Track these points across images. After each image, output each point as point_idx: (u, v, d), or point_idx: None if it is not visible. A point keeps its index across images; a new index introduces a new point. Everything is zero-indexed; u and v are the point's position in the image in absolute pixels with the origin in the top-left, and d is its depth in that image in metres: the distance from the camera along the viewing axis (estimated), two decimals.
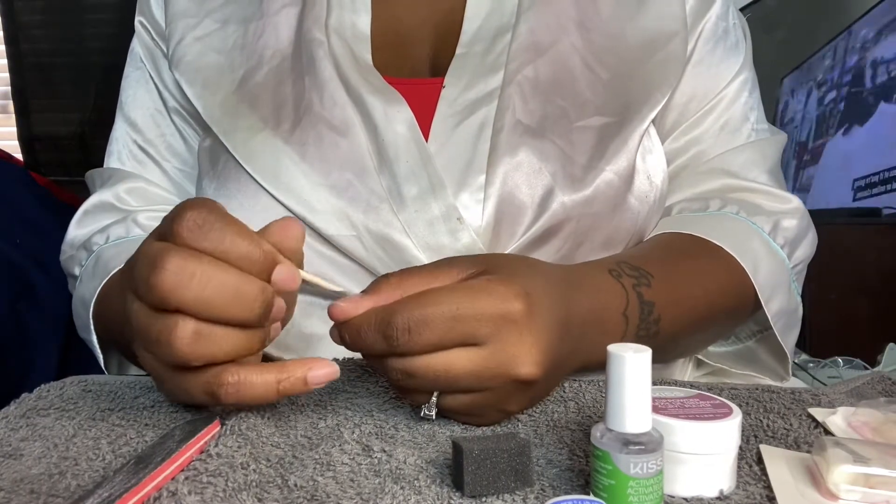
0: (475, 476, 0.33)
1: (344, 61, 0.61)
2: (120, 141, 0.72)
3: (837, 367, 1.13)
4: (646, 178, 0.60)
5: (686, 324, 0.55)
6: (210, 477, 0.34)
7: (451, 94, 0.60)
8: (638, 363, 0.31)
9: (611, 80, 0.61)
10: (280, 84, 0.62)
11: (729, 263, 0.58)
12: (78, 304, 0.65)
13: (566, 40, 0.61)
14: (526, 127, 0.57)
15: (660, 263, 0.56)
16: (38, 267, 1.12)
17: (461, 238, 0.55)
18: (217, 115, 0.62)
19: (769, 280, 0.59)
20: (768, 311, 0.58)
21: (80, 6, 2.23)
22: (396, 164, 0.57)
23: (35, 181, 1.32)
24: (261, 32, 0.65)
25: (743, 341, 0.65)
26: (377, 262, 0.56)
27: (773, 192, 0.64)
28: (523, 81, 0.59)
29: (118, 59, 0.75)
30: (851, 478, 0.32)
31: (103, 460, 0.37)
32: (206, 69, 0.64)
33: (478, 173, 0.57)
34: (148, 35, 0.71)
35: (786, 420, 0.42)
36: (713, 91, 0.66)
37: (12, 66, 2.28)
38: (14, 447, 0.39)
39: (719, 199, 0.63)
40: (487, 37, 0.62)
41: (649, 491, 0.30)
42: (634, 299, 0.50)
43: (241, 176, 0.59)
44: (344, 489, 0.34)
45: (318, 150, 0.58)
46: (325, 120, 0.59)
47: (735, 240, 0.59)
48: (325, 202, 0.57)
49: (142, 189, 0.69)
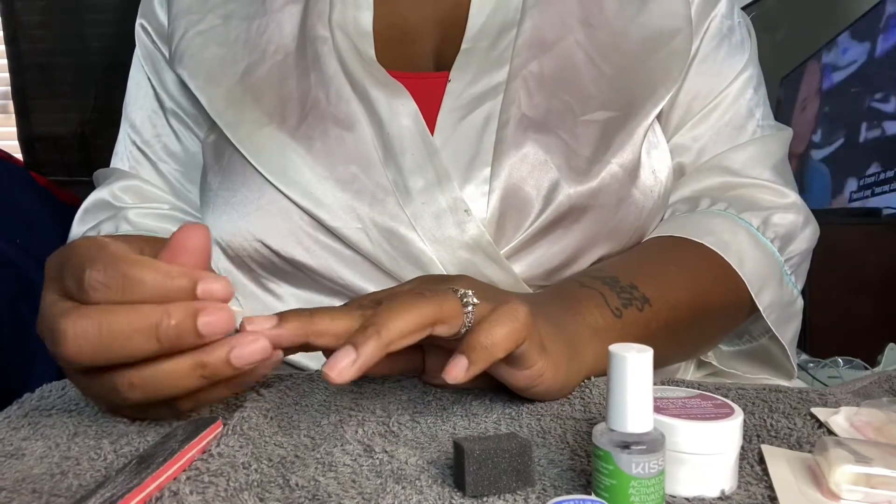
0: (477, 476, 0.33)
1: (348, 57, 0.62)
2: (122, 142, 0.73)
3: (837, 367, 1.13)
4: (651, 173, 0.61)
5: (676, 306, 0.54)
6: (212, 477, 0.34)
7: (456, 87, 0.60)
8: (639, 363, 0.31)
9: (615, 75, 0.61)
10: (284, 79, 0.62)
11: (714, 259, 0.58)
12: None
13: (570, 37, 0.62)
14: (531, 121, 0.58)
15: (638, 265, 0.57)
16: (38, 267, 1.12)
17: (468, 230, 0.56)
18: (221, 107, 0.62)
19: (757, 272, 0.59)
20: (759, 303, 0.59)
21: (80, 6, 2.23)
22: (402, 157, 0.57)
23: (35, 181, 1.32)
24: (264, 29, 0.65)
25: (757, 339, 0.65)
26: (383, 254, 0.57)
27: (773, 187, 0.64)
28: (528, 76, 0.60)
29: (118, 59, 0.76)
30: (853, 478, 0.32)
31: (105, 460, 0.37)
32: (208, 61, 0.65)
33: (483, 166, 0.57)
34: (148, 38, 0.71)
35: (790, 420, 0.42)
36: (717, 88, 0.66)
37: (12, 66, 2.28)
38: (16, 447, 0.39)
39: (709, 198, 0.64)
40: (492, 32, 0.63)
41: (651, 491, 0.30)
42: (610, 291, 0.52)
43: (247, 170, 0.59)
44: (345, 489, 0.34)
45: (324, 144, 0.58)
46: (331, 115, 0.59)
47: (718, 236, 0.59)
48: (331, 195, 0.57)
49: (137, 187, 0.70)
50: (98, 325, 0.35)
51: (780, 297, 0.61)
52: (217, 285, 0.36)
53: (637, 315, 0.51)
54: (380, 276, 0.58)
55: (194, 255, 0.37)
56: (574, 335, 0.47)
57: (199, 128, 0.69)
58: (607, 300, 0.50)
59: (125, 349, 0.35)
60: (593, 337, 0.48)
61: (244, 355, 0.36)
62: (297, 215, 0.58)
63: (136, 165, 0.71)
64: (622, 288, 0.52)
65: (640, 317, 0.51)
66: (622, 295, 0.51)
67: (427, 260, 0.56)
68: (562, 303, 0.49)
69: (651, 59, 0.62)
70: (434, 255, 0.56)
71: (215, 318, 0.35)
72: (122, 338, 0.35)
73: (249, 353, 0.36)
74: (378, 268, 0.58)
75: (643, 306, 0.52)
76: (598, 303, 0.50)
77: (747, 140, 0.66)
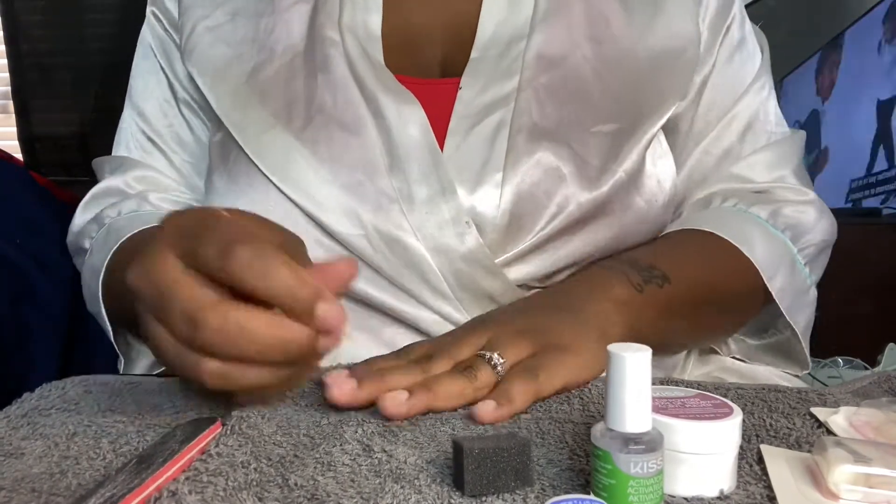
0: (475, 475, 0.33)
1: (358, 61, 0.62)
2: (128, 130, 0.72)
3: (837, 367, 1.13)
4: (656, 182, 0.62)
5: (694, 284, 0.58)
6: (210, 476, 0.34)
7: (467, 95, 0.60)
8: (638, 363, 0.31)
9: (621, 89, 0.62)
10: (291, 80, 0.62)
11: (726, 245, 0.60)
12: (88, 275, 0.66)
13: (578, 52, 0.62)
14: (543, 130, 0.58)
15: (654, 250, 0.60)
16: (38, 267, 1.12)
17: (467, 241, 0.56)
18: (227, 107, 0.62)
19: (768, 258, 0.61)
20: (771, 287, 0.60)
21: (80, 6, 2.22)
22: (408, 165, 0.57)
23: (35, 181, 1.32)
24: (272, 28, 0.65)
25: (782, 332, 0.67)
26: (384, 261, 0.57)
27: (791, 187, 0.67)
28: (539, 88, 0.60)
29: (118, 59, 0.76)
30: (852, 478, 0.32)
31: (104, 459, 0.37)
32: (216, 60, 0.65)
33: (495, 171, 0.57)
34: (160, 25, 0.71)
35: (789, 419, 0.42)
36: (733, 97, 0.67)
37: (12, 66, 2.27)
38: (15, 446, 0.39)
39: (721, 197, 0.66)
40: (501, 43, 0.63)
41: (649, 491, 0.30)
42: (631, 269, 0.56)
43: (252, 171, 0.59)
44: (344, 488, 0.34)
45: (329, 149, 0.58)
46: (336, 119, 0.59)
47: (728, 226, 0.61)
48: (335, 200, 0.57)
49: (151, 178, 0.70)
50: (241, 327, 0.35)
51: (793, 283, 0.63)
52: (334, 316, 0.36)
53: (658, 290, 0.55)
54: (382, 282, 0.58)
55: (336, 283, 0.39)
56: (600, 313, 0.52)
57: (210, 121, 0.69)
58: (629, 277, 0.55)
59: (258, 355, 0.36)
60: (619, 310, 0.53)
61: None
62: (301, 219, 0.58)
63: (145, 155, 0.71)
64: (642, 267, 0.56)
65: (660, 292, 0.55)
66: (643, 273, 0.55)
67: (427, 268, 0.57)
68: (588, 284, 0.55)
69: (657, 75, 0.63)
70: (435, 264, 0.57)
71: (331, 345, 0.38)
72: (261, 344, 0.35)
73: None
74: (378, 274, 0.58)
75: (663, 283, 0.56)
76: (620, 280, 0.55)
77: (763, 145, 0.68)
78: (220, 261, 0.35)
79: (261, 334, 0.35)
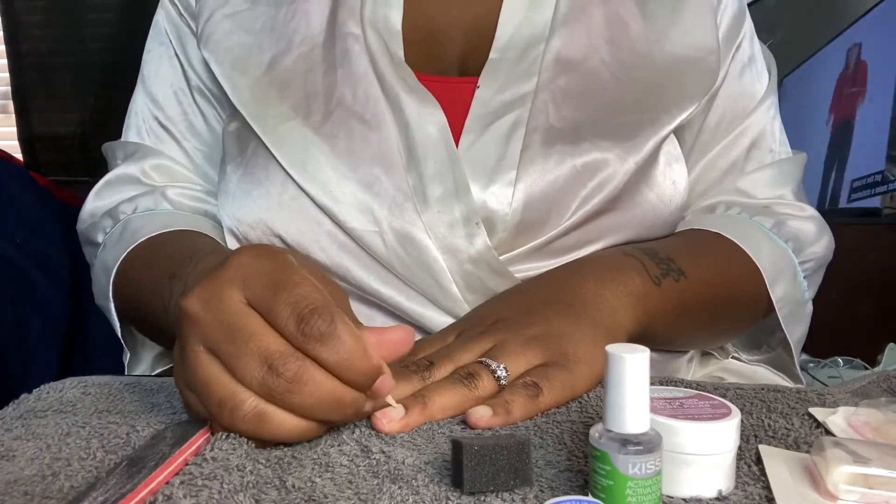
0: (474, 472, 0.32)
1: (379, 57, 0.62)
2: (140, 115, 0.71)
3: (837, 367, 1.13)
4: (671, 183, 0.62)
5: (708, 282, 0.58)
6: (206, 480, 0.34)
7: (484, 94, 0.60)
8: (636, 363, 0.30)
9: (638, 92, 0.62)
10: (310, 72, 0.62)
11: (734, 247, 0.61)
12: (99, 270, 0.66)
13: (596, 56, 0.62)
14: (559, 131, 0.59)
15: (671, 244, 0.61)
16: (38, 267, 1.12)
17: (475, 243, 0.56)
18: (246, 98, 0.62)
19: (772, 264, 0.61)
20: (773, 294, 0.61)
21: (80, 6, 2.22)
22: (424, 163, 0.57)
23: (35, 181, 1.32)
24: (291, 17, 0.65)
25: (773, 349, 0.67)
26: (396, 259, 0.57)
27: (791, 203, 0.67)
28: (556, 90, 0.60)
29: (118, 59, 0.75)
30: (851, 478, 0.32)
31: (95, 458, 0.37)
32: (234, 48, 0.64)
33: (509, 168, 0.57)
34: (175, 10, 0.70)
35: (788, 420, 0.42)
36: (741, 114, 0.68)
37: (12, 66, 2.27)
38: (7, 447, 0.39)
39: (725, 205, 0.67)
40: (520, 45, 0.63)
41: (648, 491, 0.30)
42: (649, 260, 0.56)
43: (270, 164, 0.59)
44: (342, 490, 0.34)
45: (348, 143, 0.58)
46: (356, 114, 0.59)
47: (735, 230, 0.62)
48: (351, 195, 0.57)
49: (167, 167, 0.70)
50: (312, 379, 0.36)
51: (793, 293, 0.63)
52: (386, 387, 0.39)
53: (674, 284, 0.55)
54: (394, 280, 0.58)
55: (390, 352, 0.39)
56: (616, 312, 0.51)
57: (223, 110, 0.69)
58: (647, 268, 0.55)
59: (309, 409, 0.36)
60: (634, 304, 0.52)
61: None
62: (316, 213, 0.58)
63: (158, 142, 0.70)
64: (660, 259, 0.56)
65: (676, 286, 0.55)
66: (661, 265, 0.55)
67: (438, 269, 0.57)
68: (602, 273, 0.54)
69: (674, 80, 0.63)
70: (444, 264, 0.57)
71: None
72: (317, 400, 0.36)
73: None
74: (390, 272, 0.58)
75: (679, 277, 0.56)
76: (638, 270, 0.54)
77: (766, 164, 0.68)
78: (296, 326, 0.35)
79: (320, 390, 0.36)
